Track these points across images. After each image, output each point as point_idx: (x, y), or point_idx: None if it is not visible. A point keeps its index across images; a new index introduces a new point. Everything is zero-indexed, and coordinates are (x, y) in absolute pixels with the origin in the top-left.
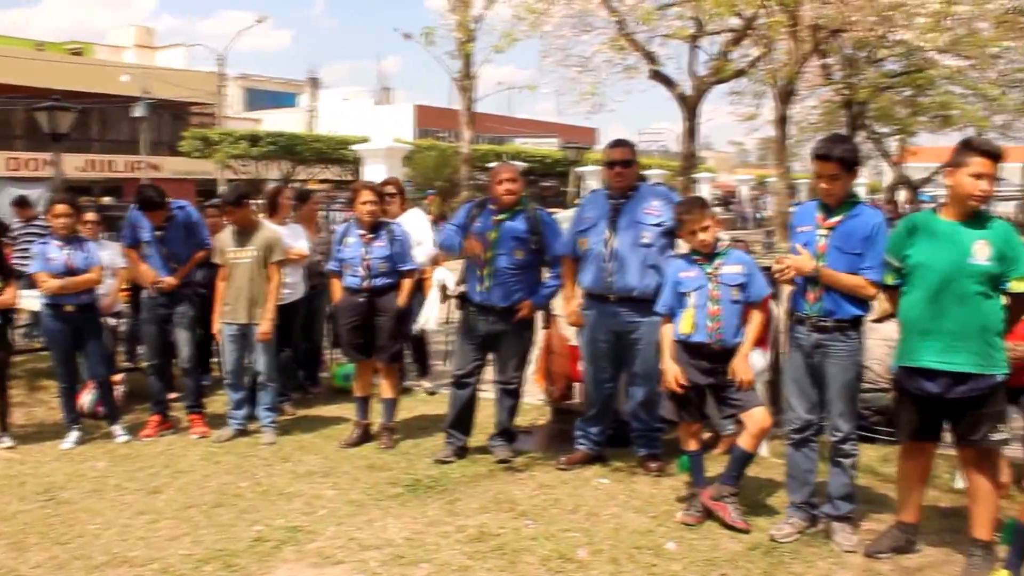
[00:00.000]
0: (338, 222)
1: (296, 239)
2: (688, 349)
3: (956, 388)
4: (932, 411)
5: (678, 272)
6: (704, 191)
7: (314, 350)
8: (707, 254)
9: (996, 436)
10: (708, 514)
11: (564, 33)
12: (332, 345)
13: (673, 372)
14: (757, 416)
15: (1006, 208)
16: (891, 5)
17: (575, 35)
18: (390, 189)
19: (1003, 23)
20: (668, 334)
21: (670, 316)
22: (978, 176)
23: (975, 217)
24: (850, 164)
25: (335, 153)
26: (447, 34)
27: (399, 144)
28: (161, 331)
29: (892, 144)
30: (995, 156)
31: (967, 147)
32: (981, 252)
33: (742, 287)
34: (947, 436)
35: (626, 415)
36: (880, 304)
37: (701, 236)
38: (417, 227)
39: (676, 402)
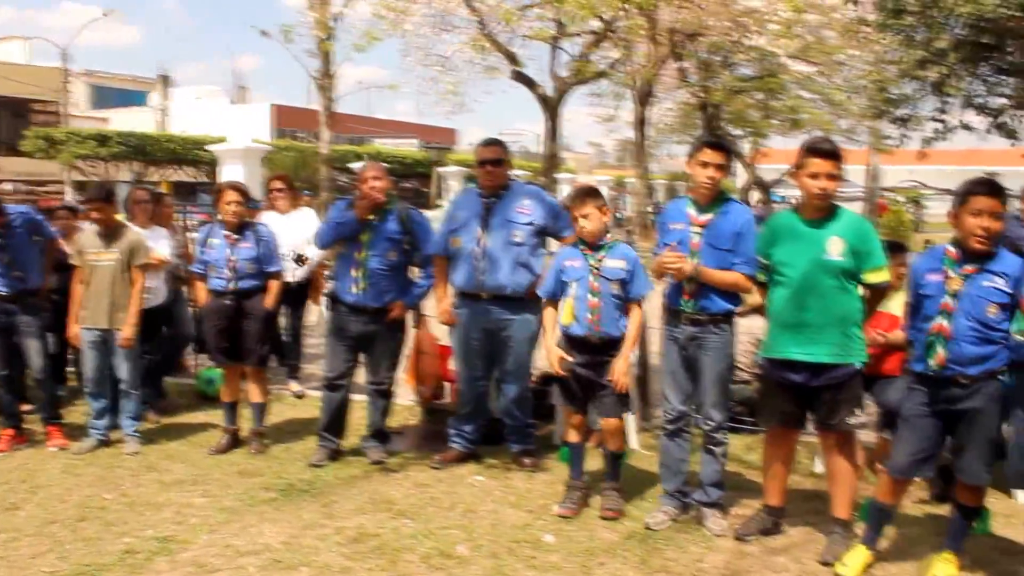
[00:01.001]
0: (196, 224)
1: (157, 242)
2: (569, 340)
3: (817, 377)
4: (796, 399)
5: (564, 260)
6: (565, 192)
7: (164, 360)
8: (592, 245)
9: (853, 420)
10: (584, 505)
11: (425, 32)
12: (196, 350)
13: (556, 355)
14: (610, 426)
15: (852, 208)
16: (745, 11)
17: (436, 34)
18: (278, 184)
19: (848, 32)
20: (550, 318)
21: (553, 301)
22: (814, 176)
23: (830, 214)
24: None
25: (190, 154)
26: (306, 32)
27: (257, 144)
28: (6, 341)
29: (746, 146)
30: (829, 155)
31: (804, 149)
32: (835, 248)
33: (623, 283)
34: (807, 424)
35: (499, 412)
36: (745, 299)
37: (582, 223)
38: (309, 225)
39: (562, 391)
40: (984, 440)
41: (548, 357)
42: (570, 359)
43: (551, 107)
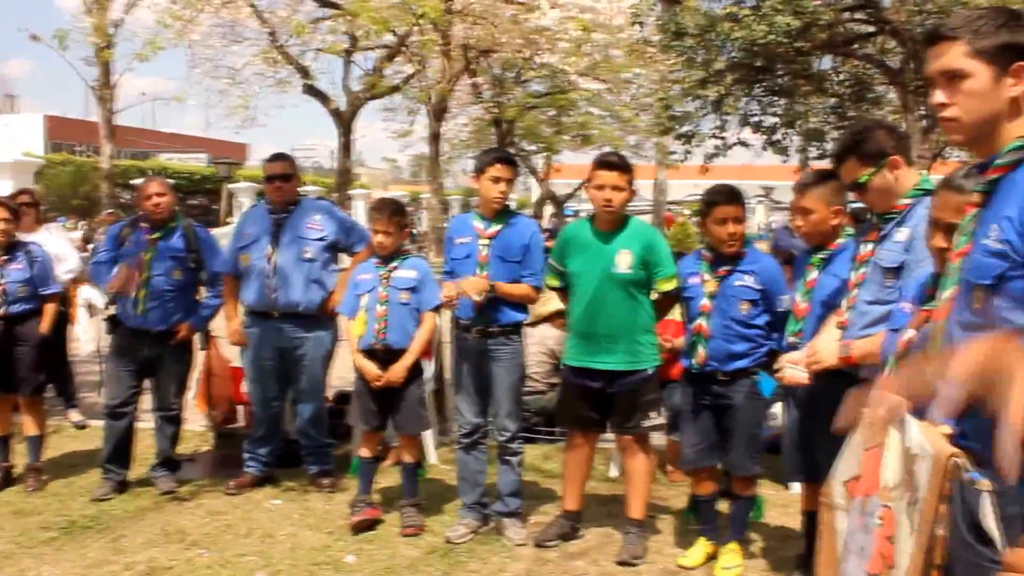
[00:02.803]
0: None
1: None
2: (365, 353)
3: (613, 383)
4: (593, 405)
5: (357, 275)
6: (359, 208)
7: None
8: (385, 257)
9: (648, 423)
10: (375, 512)
11: (213, 43)
12: None
13: (369, 369)
14: (407, 439)
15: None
16: (536, 30)
17: (224, 46)
18: (25, 199)
19: (634, 51)
20: (352, 334)
21: (353, 316)
22: (600, 188)
23: (620, 226)
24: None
25: None
26: (82, 38)
27: (28, 158)
28: None
29: (539, 161)
30: (614, 167)
31: (593, 163)
32: (624, 261)
33: (413, 291)
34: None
35: (295, 433)
36: (535, 309)
37: (381, 239)
38: (55, 243)
39: (359, 408)
40: (746, 433)
41: (363, 373)
42: (379, 372)
43: (344, 122)
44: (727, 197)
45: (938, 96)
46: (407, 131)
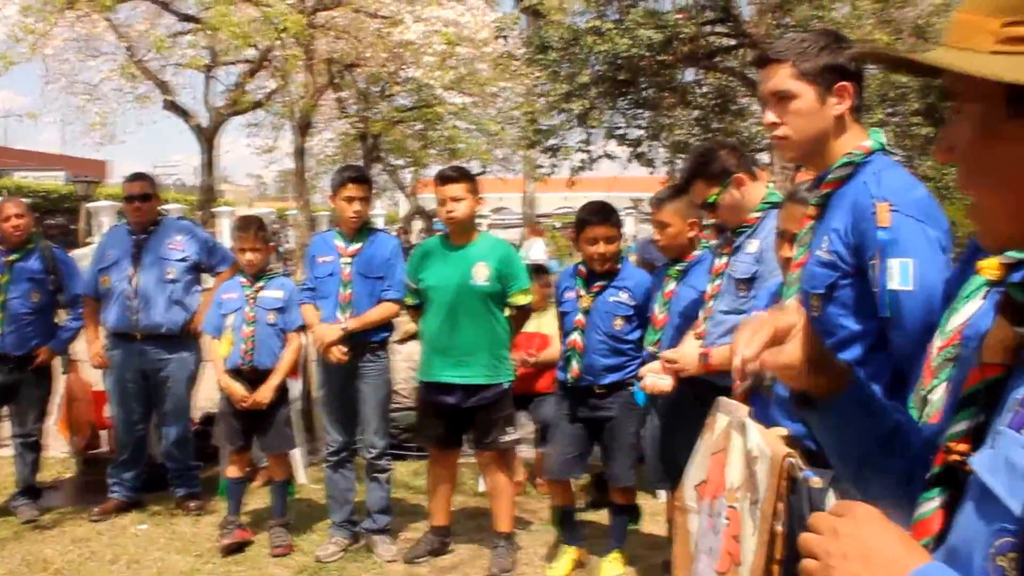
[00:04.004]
0: None
1: None
2: (231, 373)
3: (470, 398)
4: (452, 421)
5: (222, 293)
6: (225, 226)
7: None
8: (252, 276)
9: (507, 438)
10: (245, 533)
11: (68, 58)
12: None
13: (235, 389)
14: (276, 458)
15: (510, 235)
16: (401, 44)
17: (81, 60)
18: None
19: (499, 65)
20: (218, 355)
21: (219, 336)
22: (443, 202)
23: (474, 240)
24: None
25: None
26: None
27: None
28: None
29: (407, 176)
30: (451, 180)
31: (434, 179)
32: (481, 274)
33: (280, 311)
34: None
35: (160, 457)
36: (403, 326)
37: (249, 257)
38: None
39: (225, 429)
40: (624, 445)
41: (229, 394)
42: (246, 393)
43: (207, 138)
44: (598, 217)
45: (769, 116)
46: (272, 147)
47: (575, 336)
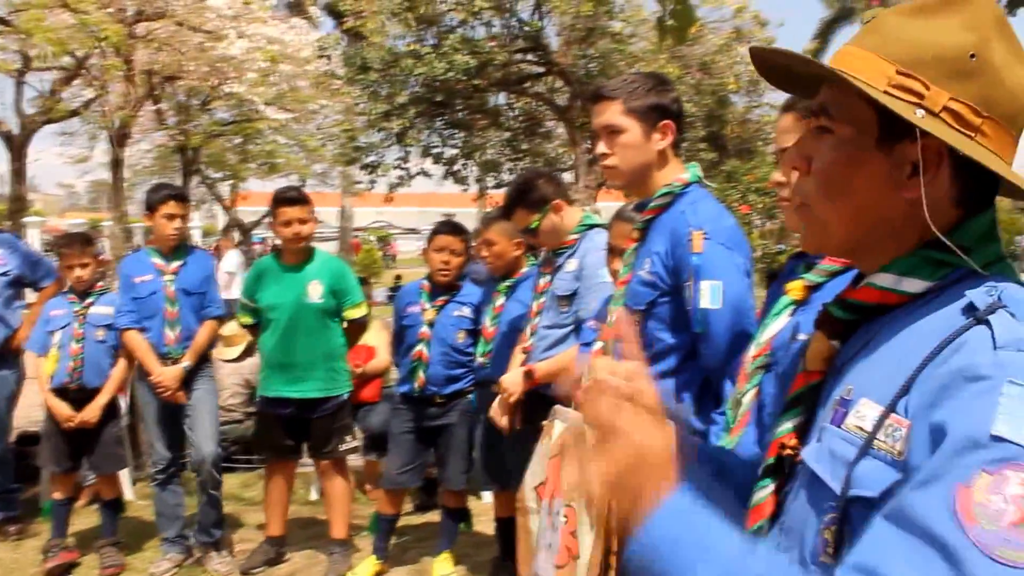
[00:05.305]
0: None
1: None
2: (56, 392)
3: (309, 411)
4: (290, 432)
5: (50, 310)
6: (35, 236)
7: None
8: (80, 292)
9: (344, 447)
10: (71, 554)
11: None
12: None
13: (61, 409)
14: (104, 478)
15: (326, 248)
16: (223, 58)
17: None
18: None
19: (320, 84)
20: (43, 373)
21: (44, 354)
22: (287, 223)
23: (308, 258)
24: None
25: None
26: None
27: None
28: None
29: (225, 189)
30: (296, 202)
31: (273, 201)
32: (315, 291)
33: (109, 328)
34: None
35: None
36: (233, 340)
37: (78, 272)
38: None
39: (50, 448)
40: (459, 450)
41: (55, 414)
42: (72, 413)
43: (16, 146)
44: (449, 229)
45: (600, 147)
46: (86, 157)
47: (420, 348)
